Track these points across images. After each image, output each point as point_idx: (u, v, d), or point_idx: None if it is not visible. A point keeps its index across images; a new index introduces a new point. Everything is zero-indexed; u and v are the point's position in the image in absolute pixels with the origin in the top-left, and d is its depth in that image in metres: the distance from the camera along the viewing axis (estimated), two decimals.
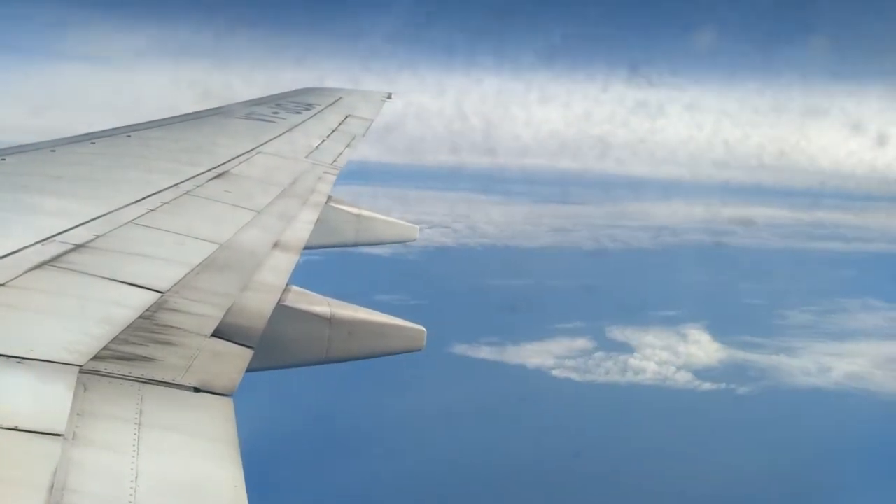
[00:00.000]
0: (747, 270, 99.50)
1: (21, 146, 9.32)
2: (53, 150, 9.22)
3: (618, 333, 78.50)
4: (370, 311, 7.38)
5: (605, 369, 72.83)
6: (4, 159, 8.46)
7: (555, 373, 71.77)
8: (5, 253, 5.24)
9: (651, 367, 72.88)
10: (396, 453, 53.90)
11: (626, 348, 75.98)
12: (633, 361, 73.52)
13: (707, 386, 70.86)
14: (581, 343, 76.34)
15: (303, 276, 6.88)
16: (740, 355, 76.15)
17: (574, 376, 71.69)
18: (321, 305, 6.86)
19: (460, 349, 71.94)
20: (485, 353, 73.30)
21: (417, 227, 11.99)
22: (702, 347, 76.88)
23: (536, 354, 74.01)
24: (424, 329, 7.46)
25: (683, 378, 71.72)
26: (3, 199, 7.07)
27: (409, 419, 58.83)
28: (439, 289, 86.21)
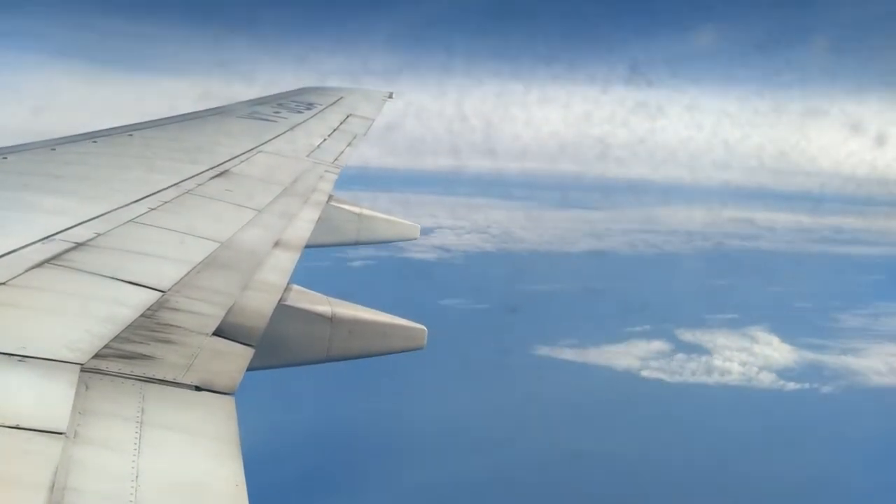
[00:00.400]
0: (783, 274, 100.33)
1: (22, 145, 9.32)
2: (54, 149, 9.22)
3: (688, 336, 79.49)
4: (371, 310, 7.38)
5: (691, 370, 73.77)
6: (6, 158, 8.46)
7: (643, 374, 72.50)
8: (6, 251, 5.24)
9: (735, 367, 73.96)
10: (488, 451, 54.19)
11: (702, 350, 76.90)
12: (716, 363, 74.44)
13: (792, 386, 72.40)
14: (658, 345, 77.27)
15: (305, 275, 6.89)
16: (810, 356, 77.45)
17: (664, 377, 72.57)
18: (322, 304, 6.85)
19: (543, 351, 72.60)
20: (568, 355, 74.10)
21: (418, 226, 11.99)
22: (774, 349, 78.33)
23: (618, 356, 75.02)
24: (425, 328, 7.46)
25: (768, 378, 72.86)
26: (4, 197, 7.07)
27: (515, 418, 59.60)
28: (498, 293, 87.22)
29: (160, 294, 5.15)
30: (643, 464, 55.30)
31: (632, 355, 75.03)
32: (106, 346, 4.19)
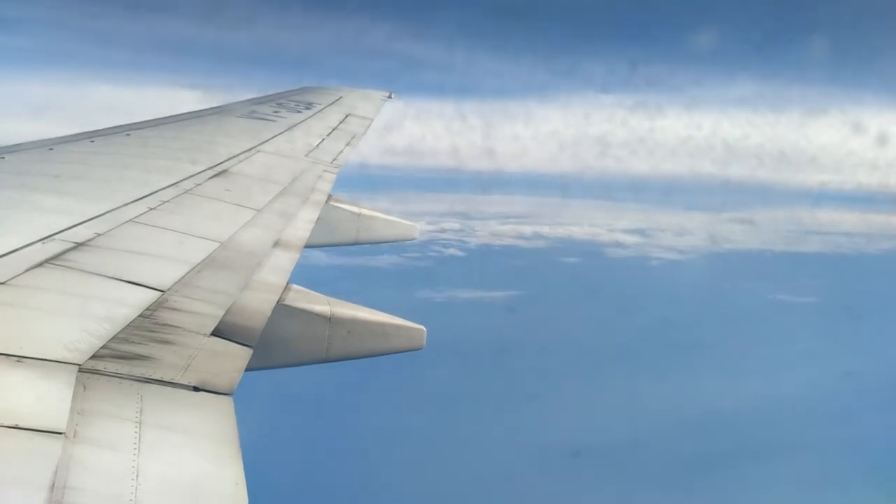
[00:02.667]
0: None
1: (20, 144, 9.32)
2: (52, 149, 9.21)
3: None
4: (370, 310, 7.37)
5: None
6: (4, 157, 8.45)
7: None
8: (6, 251, 5.24)
9: None
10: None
11: None
12: None
13: None
14: None
15: (304, 275, 6.88)
16: None
17: None
18: (321, 304, 6.85)
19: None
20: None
21: (418, 226, 11.99)
22: None
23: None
24: (424, 328, 7.45)
25: None
26: (3, 197, 7.06)
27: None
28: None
29: (159, 294, 5.14)
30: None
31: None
32: (104, 347, 4.18)
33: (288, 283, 6.41)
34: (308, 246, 7.61)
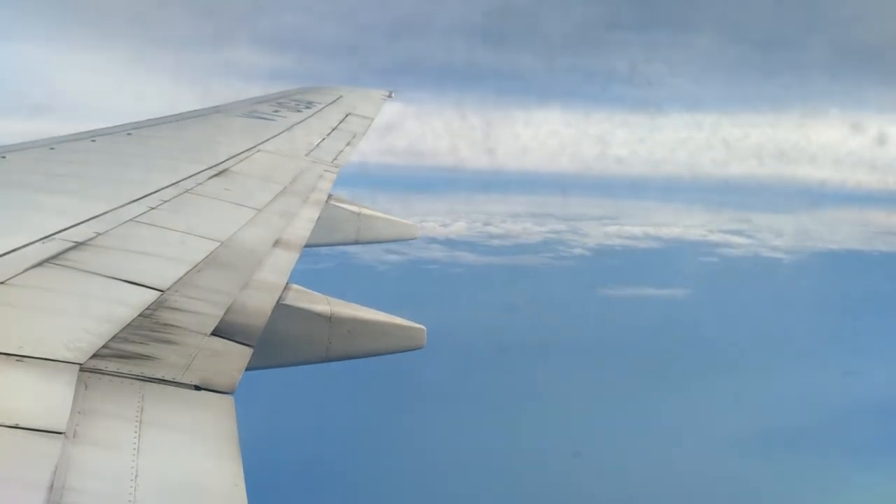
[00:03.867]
0: None
1: (21, 144, 9.32)
2: (53, 148, 9.21)
3: None
4: (370, 309, 7.37)
5: None
6: (5, 157, 8.45)
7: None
8: (6, 250, 5.23)
9: None
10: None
11: None
12: None
13: None
14: None
15: (304, 275, 6.88)
16: None
17: None
18: (321, 304, 6.85)
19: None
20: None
21: (418, 225, 11.99)
22: None
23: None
24: (424, 328, 7.45)
25: None
26: (3, 196, 7.06)
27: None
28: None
29: (159, 293, 5.14)
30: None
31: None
32: (105, 346, 4.18)
33: (288, 283, 6.41)
34: (308, 245, 7.61)
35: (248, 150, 10.78)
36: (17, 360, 3.79)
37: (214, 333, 4.79)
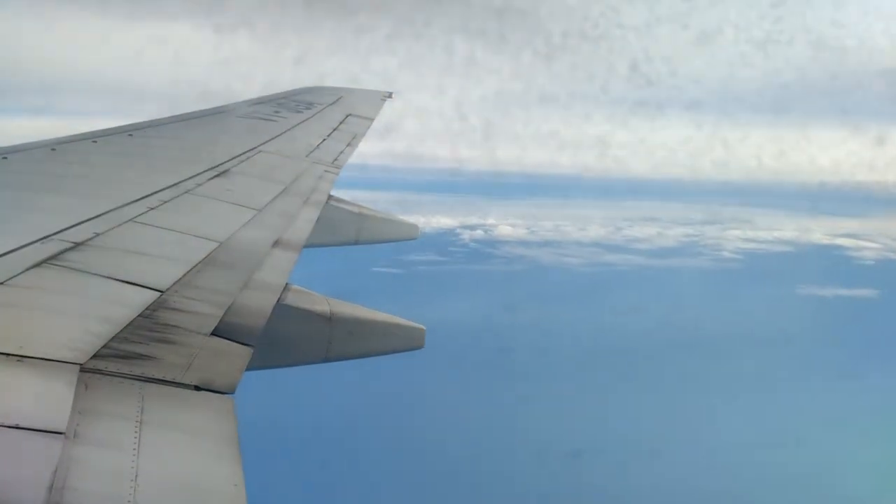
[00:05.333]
0: None
1: (22, 144, 9.32)
2: (54, 149, 9.22)
3: None
4: (370, 309, 7.38)
5: None
6: (6, 157, 8.46)
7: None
8: (5, 251, 5.24)
9: None
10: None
11: None
12: None
13: None
14: None
15: (304, 275, 6.89)
16: None
17: None
18: (321, 304, 6.85)
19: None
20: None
21: (418, 225, 12.00)
22: None
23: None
24: (424, 328, 7.46)
25: None
26: (3, 197, 7.07)
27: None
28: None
29: (159, 294, 5.15)
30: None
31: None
32: (105, 346, 4.19)
33: (288, 283, 6.42)
34: (308, 246, 7.62)
35: (248, 150, 10.78)
36: (18, 360, 3.80)
37: (214, 333, 4.80)
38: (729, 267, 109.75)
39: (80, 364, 3.91)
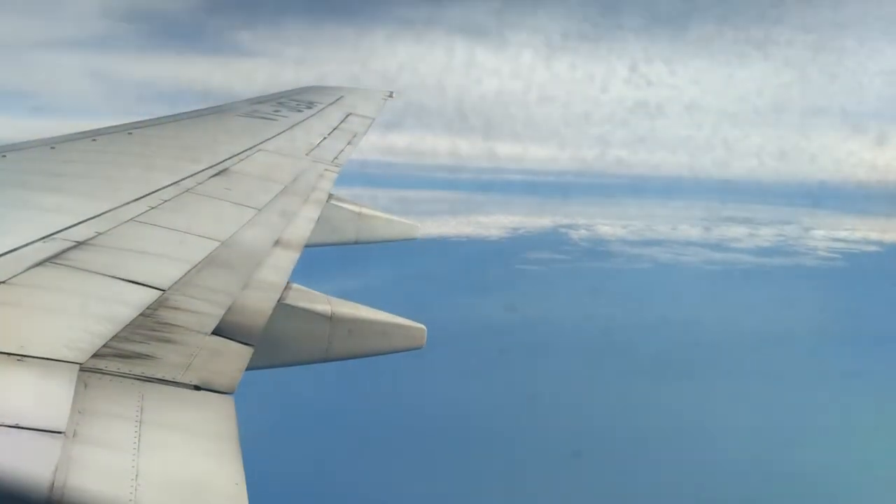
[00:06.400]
0: None
1: (22, 143, 9.32)
2: (53, 148, 9.21)
3: None
4: (371, 309, 7.37)
5: None
6: (5, 156, 8.45)
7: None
8: (6, 250, 5.23)
9: None
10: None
11: None
12: None
13: None
14: None
15: (304, 274, 6.88)
16: None
17: None
18: (322, 303, 6.85)
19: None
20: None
21: (419, 225, 11.99)
22: None
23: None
24: (425, 327, 7.45)
25: None
26: (3, 196, 7.06)
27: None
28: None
29: (160, 293, 5.14)
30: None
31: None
32: (105, 346, 4.18)
33: (288, 283, 6.41)
34: (309, 245, 7.61)
35: (248, 149, 10.78)
36: (18, 360, 3.79)
37: (215, 333, 4.79)
38: (836, 266, 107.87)
39: (80, 363, 3.90)
